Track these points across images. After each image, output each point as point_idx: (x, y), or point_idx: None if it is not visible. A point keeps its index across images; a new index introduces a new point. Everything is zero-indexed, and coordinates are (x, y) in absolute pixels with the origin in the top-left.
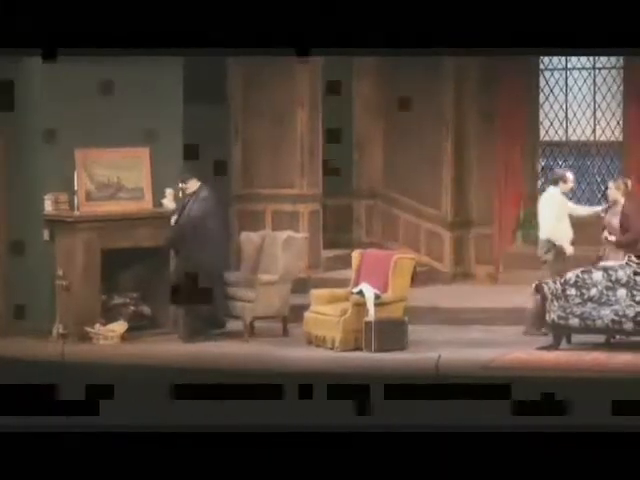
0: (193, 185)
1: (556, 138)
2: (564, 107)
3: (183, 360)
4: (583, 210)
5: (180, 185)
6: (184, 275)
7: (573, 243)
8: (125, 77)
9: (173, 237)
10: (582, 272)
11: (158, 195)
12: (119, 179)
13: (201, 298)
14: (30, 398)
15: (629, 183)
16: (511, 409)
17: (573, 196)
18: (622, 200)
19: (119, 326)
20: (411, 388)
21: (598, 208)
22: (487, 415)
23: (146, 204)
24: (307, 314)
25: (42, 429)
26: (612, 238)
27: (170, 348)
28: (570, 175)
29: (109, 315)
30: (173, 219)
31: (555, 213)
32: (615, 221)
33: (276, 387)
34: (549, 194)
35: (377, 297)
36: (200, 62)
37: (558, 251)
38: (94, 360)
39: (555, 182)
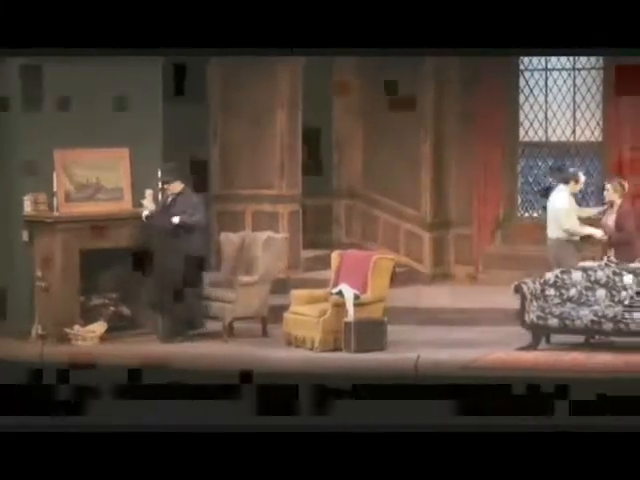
0: (177, 187)
1: (536, 139)
2: (544, 108)
3: (162, 361)
4: (589, 211)
5: (163, 186)
6: (166, 275)
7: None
8: (104, 77)
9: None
10: (561, 272)
11: (138, 196)
12: (98, 180)
13: (182, 298)
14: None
15: (626, 184)
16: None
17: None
18: (618, 201)
19: (98, 327)
20: (390, 388)
21: (600, 209)
22: (465, 416)
23: (125, 205)
24: (287, 315)
25: (29, 429)
26: (607, 238)
27: (149, 349)
28: (582, 176)
29: (88, 316)
30: (146, 213)
31: (570, 210)
32: (610, 221)
33: (256, 387)
34: (559, 192)
35: (356, 297)
36: (180, 62)
37: (571, 246)
38: (73, 361)
39: (566, 181)
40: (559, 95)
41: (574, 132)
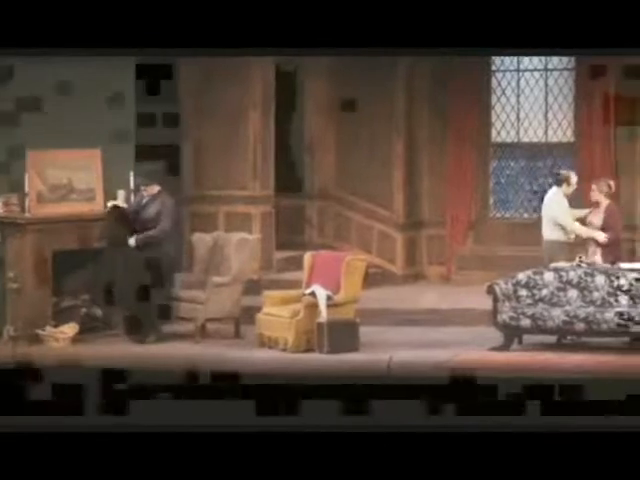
0: (154, 189)
1: (508, 139)
2: (516, 108)
3: (134, 361)
4: (580, 213)
5: (140, 187)
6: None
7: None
8: (77, 78)
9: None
10: (534, 273)
11: (109, 196)
12: (70, 180)
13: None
14: None
15: (612, 184)
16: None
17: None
18: (605, 201)
19: (70, 328)
20: (363, 389)
21: (587, 211)
22: (439, 415)
23: (97, 205)
24: (259, 315)
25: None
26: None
27: (121, 349)
28: (575, 178)
29: (60, 317)
30: (112, 203)
31: (565, 210)
32: (596, 221)
33: (224, 388)
34: (554, 194)
35: (329, 298)
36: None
37: (566, 248)
38: (45, 362)
39: (559, 183)
40: (531, 96)
41: (546, 133)
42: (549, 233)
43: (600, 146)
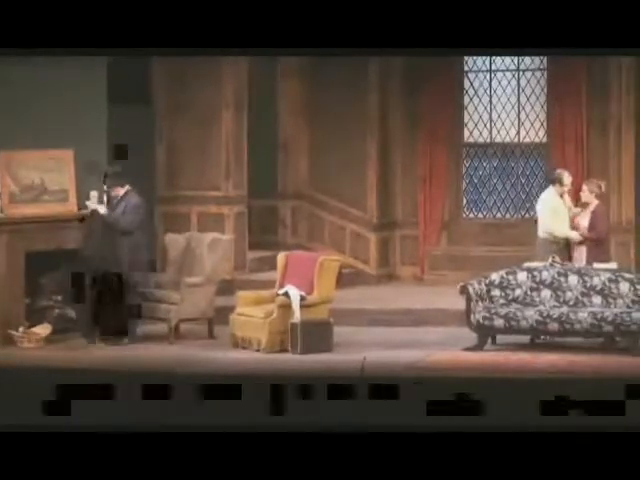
0: (120, 190)
1: (480, 139)
2: (488, 109)
3: (108, 363)
4: (576, 210)
5: (108, 188)
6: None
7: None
8: (49, 78)
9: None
10: (507, 273)
11: (82, 197)
12: (43, 181)
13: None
14: None
15: (603, 185)
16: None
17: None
18: (594, 202)
19: (43, 329)
20: (336, 389)
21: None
22: (411, 415)
23: (70, 206)
24: (233, 316)
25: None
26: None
27: (95, 350)
28: (567, 177)
29: (33, 318)
30: (93, 207)
31: (553, 210)
32: (584, 222)
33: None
34: (547, 193)
35: (303, 299)
36: (124, 62)
37: (555, 246)
38: (18, 363)
39: (553, 182)
40: (503, 96)
41: (518, 133)
42: (541, 231)
43: (572, 146)
